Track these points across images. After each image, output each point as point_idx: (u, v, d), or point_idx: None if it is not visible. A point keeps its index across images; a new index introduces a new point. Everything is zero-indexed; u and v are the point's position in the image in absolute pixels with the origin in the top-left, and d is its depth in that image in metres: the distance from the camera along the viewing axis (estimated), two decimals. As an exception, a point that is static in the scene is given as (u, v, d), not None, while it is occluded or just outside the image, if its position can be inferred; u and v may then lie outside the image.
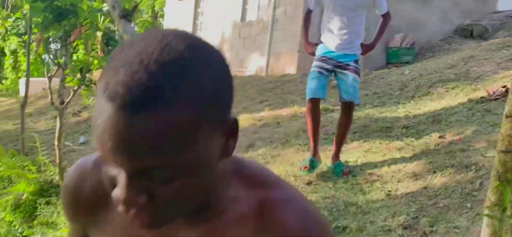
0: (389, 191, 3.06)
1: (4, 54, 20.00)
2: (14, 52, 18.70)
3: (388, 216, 2.73)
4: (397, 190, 3.04)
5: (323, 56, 3.44)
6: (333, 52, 3.42)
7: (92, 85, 4.41)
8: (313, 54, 3.57)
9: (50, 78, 4.41)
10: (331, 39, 3.45)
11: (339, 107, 3.78)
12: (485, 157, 3.01)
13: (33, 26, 5.31)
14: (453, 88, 4.91)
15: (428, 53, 9.80)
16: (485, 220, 1.57)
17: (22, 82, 14.74)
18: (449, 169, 3.06)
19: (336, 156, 3.52)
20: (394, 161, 3.47)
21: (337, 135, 3.55)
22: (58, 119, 4.37)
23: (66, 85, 4.46)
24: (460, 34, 10.78)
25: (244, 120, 5.58)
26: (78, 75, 4.15)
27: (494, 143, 3.21)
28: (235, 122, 0.60)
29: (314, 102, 3.43)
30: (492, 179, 1.56)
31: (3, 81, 19.21)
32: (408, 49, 9.58)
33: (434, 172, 3.11)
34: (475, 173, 2.85)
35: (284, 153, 4.06)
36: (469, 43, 9.63)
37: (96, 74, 10.18)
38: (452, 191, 2.78)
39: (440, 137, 3.68)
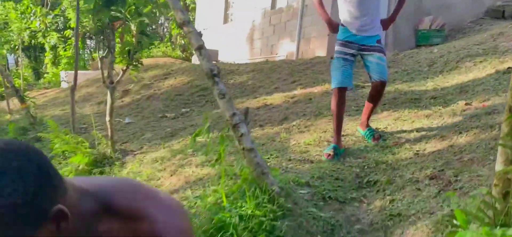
0: (417, 150, 3.30)
1: (44, 50, 21.00)
2: (53, 48, 19.63)
3: (415, 170, 2.98)
4: (424, 149, 3.28)
5: (346, 41, 3.48)
6: (355, 35, 3.45)
7: (138, 65, 4.80)
8: (335, 31, 3.59)
9: (101, 59, 4.83)
10: (352, 22, 3.45)
11: (369, 84, 3.91)
12: None
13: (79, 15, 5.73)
14: (481, 61, 5.05)
15: (458, 34, 9.81)
16: (499, 149, 1.82)
17: (63, 74, 15.51)
18: (474, 130, 3.27)
19: (366, 122, 3.72)
20: (422, 126, 3.70)
21: (367, 106, 3.66)
22: (109, 97, 4.78)
23: (115, 66, 4.87)
24: (491, 15, 10.70)
25: (277, 98, 5.89)
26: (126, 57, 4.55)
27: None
28: (59, 211, 0.65)
29: (341, 91, 3.50)
30: (505, 113, 1.80)
31: (45, 75, 20.14)
32: (437, 31, 9.62)
33: (460, 133, 3.32)
34: (498, 131, 3.04)
35: (317, 123, 4.34)
36: (500, 23, 9.58)
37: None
38: (477, 146, 3.00)
39: (467, 104, 3.88)
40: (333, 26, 3.59)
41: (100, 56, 4.78)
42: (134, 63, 4.67)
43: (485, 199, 1.78)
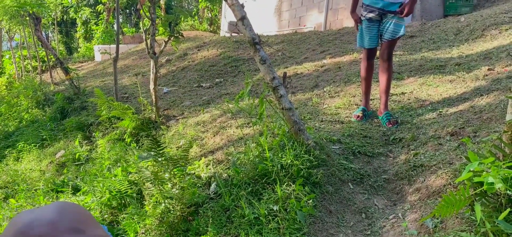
0: (440, 111, 3.59)
1: (75, 25, 21.73)
2: (85, 23, 20.32)
3: (438, 128, 3.28)
4: (447, 110, 3.57)
5: (371, 6, 3.63)
6: (380, 1, 3.58)
7: (180, 36, 5.18)
8: (358, 22, 3.74)
9: (145, 32, 5.23)
10: None
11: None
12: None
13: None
14: (506, 29, 5.21)
15: (487, 3, 9.79)
16: (510, 101, 2.12)
17: (96, 48, 16.12)
18: (495, 92, 3.53)
19: (384, 106, 3.71)
20: (446, 90, 3.97)
21: (382, 86, 3.69)
22: (152, 66, 5.20)
23: (157, 38, 5.27)
24: (523, -17, 10.56)
25: (306, 67, 6.19)
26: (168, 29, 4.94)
27: (537, 69, 3.62)
28: None
29: (370, 52, 3.69)
30: (515, 71, 2.09)
31: (78, 50, 20.90)
32: (466, 0, 9.63)
33: (481, 95, 3.59)
34: (516, 92, 3.31)
35: (346, 89, 4.66)
36: (531, -9, 9.50)
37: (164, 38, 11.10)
38: (495, 107, 3.27)
39: (489, 69, 4.11)
40: (355, 18, 3.77)
41: (144, 28, 5.17)
42: (176, 34, 5.05)
43: (495, 144, 2.09)
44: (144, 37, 5.23)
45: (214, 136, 4.16)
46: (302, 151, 2.91)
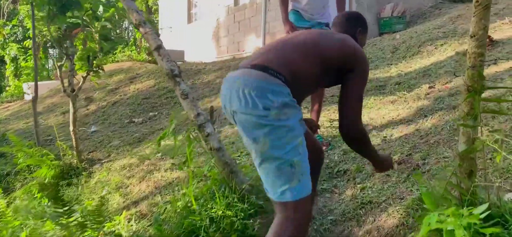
0: (384, 136, 3.32)
1: (4, 63, 20.27)
2: (14, 60, 18.97)
3: (384, 156, 3.00)
4: (392, 135, 3.31)
5: (299, 27, 3.45)
6: (306, 21, 3.48)
7: (99, 71, 4.66)
8: (291, 30, 3.50)
9: (60, 68, 4.66)
10: (303, 8, 3.49)
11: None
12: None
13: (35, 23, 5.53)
14: (441, 45, 5.15)
15: (419, 20, 10.02)
16: (460, 129, 1.84)
17: (25, 86, 14.97)
18: (439, 112, 3.33)
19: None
20: (388, 112, 3.73)
21: (315, 105, 3.48)
22: (71, 105, 4.62)
23: (76, 73, 4.71)
24: (450, -1, 10.98)
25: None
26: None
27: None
28: None
29: None
30: (463, 93, 1.81)
31: (7, 88, 19.44)
32: (399, 18, 9.80)
33: (425, 116, 3.37)
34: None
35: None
36: (458, 6, 9.83)
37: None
38: (441, 129, 3.05)
39: (430, 87, 3.94)
40: (288, 29, 3.54)
41: (59, 65, 4.61)
42: (95, 69, 4.52)
43: (451, 180, 1.79)
44: (58, 74, 4.65)
45: (140, 182, 3.66)
46: (235, 198, 2.50)
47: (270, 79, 1.66)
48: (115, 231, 2.97)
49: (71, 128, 4.65)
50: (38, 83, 6.32)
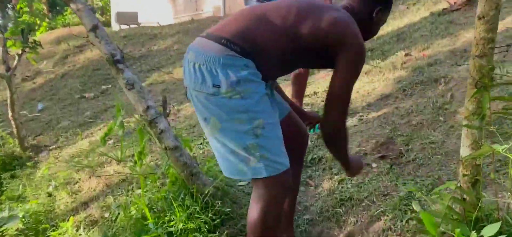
0: (361, 116, 3.02)
1: None
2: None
3: (362, 140, 2.70)
4: (369, 114, 3.01)
5: None
6: None
7: (37, 47, 4.08)
8: None
9: (-10, 45, 4.05)
10: None
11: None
12: (460, 66, 2.98)
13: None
14: (414, 4, 4.85)
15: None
16: (464, 131, 1.53)
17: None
18: (419, 86, 3.04)
19: None
20: (363, 85, 3.42)
21: (294, 90, 3.01)
22: (8, 88, 4.06)
23: (9, 50, 4.11)
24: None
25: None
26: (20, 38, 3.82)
27: (460, 53, 3.20)
28: None
29: None
30: (468, 88, 1.49)
31: None
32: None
33: (404, 90, 3.08)
34: (444, 86, 2.83)
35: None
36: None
37: (44, 36, 9.54)
38: (424, 107, 2.76)
39: (406, 54, 3.64)
40: None
41: (-12, 42, 4.00)
42: (31, 45, 3.94)
43: (455, 196, 1.49)
44: (-11, 53, 4.04)
45: (90, 177, 3.23)
46: (198, 208, 2.14)
47: (223, 50, 1.40)
48: (61, 242, 2.58)
49: (10, 113, 4.10)
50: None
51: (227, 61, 1.39)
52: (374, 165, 2.46)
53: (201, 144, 3.16)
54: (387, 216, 2.05)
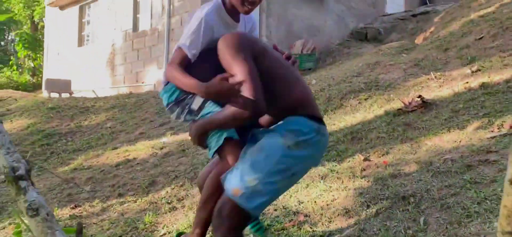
0: (321, 235, 2.59)
1: None
2: None
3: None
4: (330, 234, 2.59)
5: None
6: None
7: None
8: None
9: None
10: None
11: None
12: (420, 181, 2.69)
13: None
14: (366, 99, 4.69)
15: (328, 58, 9.83)
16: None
17: None
18: (385, 202, 2.69)
19: None
20: (320, 194, 3.03)
21: None
22: None
23: None
24: (356, 37, 11.06)
25: (142, 149, 4.83)
26: None
27: (426, 166, 2.93)
28: None
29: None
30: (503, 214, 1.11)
31: None
32: (309, 55, 9.50)
33: (368, 206, 2.72)
34: (415, 207, 2.50)
35: (193, 193, 3.43)
36: (366, 46, 9.84)
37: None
38: (394, 233, 2.39)
39: (365, 159, 3.34)
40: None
41: None
42: None
43: None
44: None
45: None
46: None
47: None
48: None
49: None
50: None
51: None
52: None
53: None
54: None
